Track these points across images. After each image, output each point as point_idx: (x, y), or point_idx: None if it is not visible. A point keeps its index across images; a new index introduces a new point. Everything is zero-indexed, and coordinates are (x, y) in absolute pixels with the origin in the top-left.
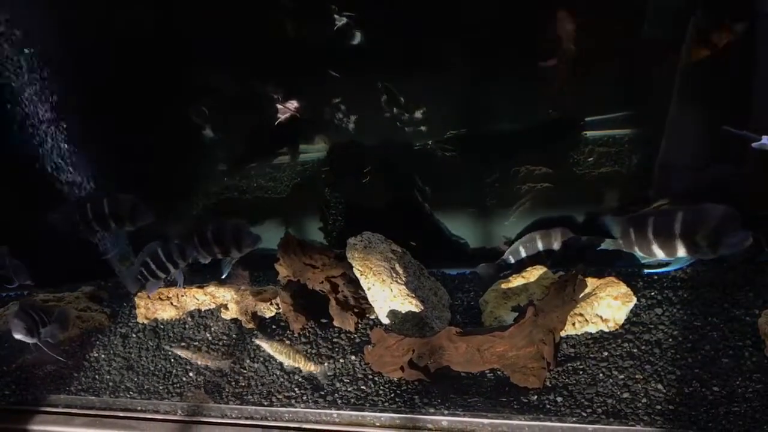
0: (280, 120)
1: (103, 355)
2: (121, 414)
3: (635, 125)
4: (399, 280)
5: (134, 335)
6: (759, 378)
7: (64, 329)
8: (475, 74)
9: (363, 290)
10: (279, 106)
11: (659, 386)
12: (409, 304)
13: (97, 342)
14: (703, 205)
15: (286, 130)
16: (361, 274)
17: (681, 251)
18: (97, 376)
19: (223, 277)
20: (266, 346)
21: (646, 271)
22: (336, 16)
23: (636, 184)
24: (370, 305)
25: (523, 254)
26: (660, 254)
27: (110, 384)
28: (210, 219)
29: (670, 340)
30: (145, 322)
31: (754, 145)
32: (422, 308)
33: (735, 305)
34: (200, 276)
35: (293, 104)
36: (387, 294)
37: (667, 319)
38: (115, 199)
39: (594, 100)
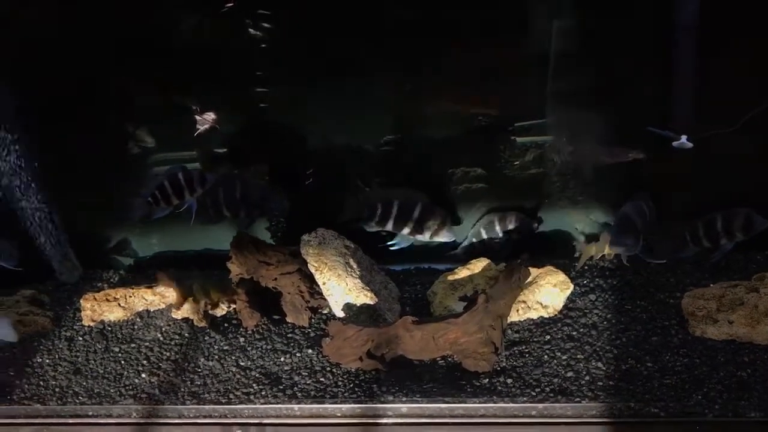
0: (198, 131)
1: (47, 360)
2: (71, 420)
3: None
4: (354, 274)
5: (80, 338)
6: (685, 352)
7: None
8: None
9: (317, 285)
10: (197, 117)
11: (599, 364)
12: (364, 297)
13: (41, 347)
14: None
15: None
16: (316, 270)
17: None
18: (42, 383)
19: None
20: None
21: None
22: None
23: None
24: (324, 300)
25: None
26: None
27: (57, 390)
28: None
29: (605, 322)
30: (92, 324)
31: (674, 144)
32: (376, 300)
33: (659, 289)
34: None
35: (211, 115)
36: (343, 288)
37: (601, 303)
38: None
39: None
